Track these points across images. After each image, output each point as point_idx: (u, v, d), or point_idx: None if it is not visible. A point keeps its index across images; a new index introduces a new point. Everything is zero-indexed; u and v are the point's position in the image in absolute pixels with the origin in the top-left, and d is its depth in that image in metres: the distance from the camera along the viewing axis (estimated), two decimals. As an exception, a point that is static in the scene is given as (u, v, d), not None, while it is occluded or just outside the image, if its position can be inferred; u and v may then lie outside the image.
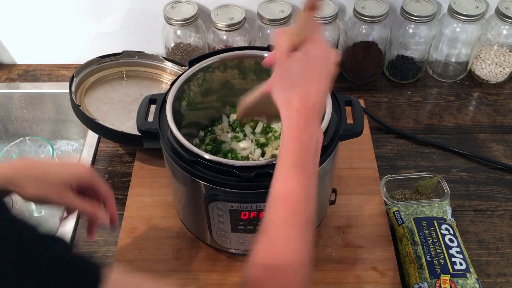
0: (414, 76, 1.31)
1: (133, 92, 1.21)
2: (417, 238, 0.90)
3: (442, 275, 0.84)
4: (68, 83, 1.11)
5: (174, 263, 0.94)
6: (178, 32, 1.23)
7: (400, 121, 1.22)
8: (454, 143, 1.16)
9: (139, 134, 0.86)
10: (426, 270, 0.86)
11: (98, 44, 1.33)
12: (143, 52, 1.24)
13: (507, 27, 1.21)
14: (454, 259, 0.86)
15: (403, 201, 1.01)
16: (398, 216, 0.95)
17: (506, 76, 1.29)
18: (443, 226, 0.91)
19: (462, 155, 1.13)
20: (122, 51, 1.22)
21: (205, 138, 1.01)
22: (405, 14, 1.19)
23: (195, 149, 0.77)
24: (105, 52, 1.21)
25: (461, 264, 0.86)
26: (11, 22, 1.31)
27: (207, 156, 0.76)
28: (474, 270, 0.87)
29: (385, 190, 1.01)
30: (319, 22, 0.81)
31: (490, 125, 1.21)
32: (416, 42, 1.24)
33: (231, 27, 1.18)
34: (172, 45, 1.25)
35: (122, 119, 1.14)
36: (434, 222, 0.91)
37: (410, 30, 1.22)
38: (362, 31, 1.22)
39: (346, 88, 1.31)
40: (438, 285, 0.84)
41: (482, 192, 1.06)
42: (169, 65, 1.25)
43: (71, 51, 1.36)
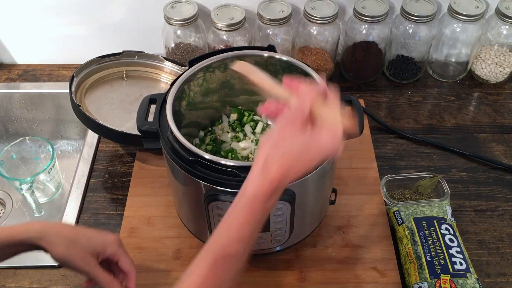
0: (414, 76, 1.31)
1: (133, 92, 1.21)
2: (417, 238, 0.90)
3: (442, 275, 0.84)
4: (68, 83, 1.11)
5: (174, 263, 0.94)
6: (178, 32, 1.23)
7: (400, 121, 1.22)
8: (454, 143, 1.16)
9: (139, 134, 0.86)
10: (426, 270, 0.86)
11: (98, 44, 1.33)
12: (143, 52, 1.24)
13: (507, 27, 1.21)
14: (454, 259, 0.86)
15: (403, 201, 1.01)
16: (398, 216, 0.95)
17: (506, 76, 1.29)
18: (443, 226, 0.91)
19: (462, 155, 1.13)
20: (122, 51, 1.22)
21: (205, 138, 1.01)
22: (405, 14, 1.19)
23: (195, 149, 0.77)
24: (105, 52, 1.21)
25: (461, 264, 0.86)
26: (11, 22, 1.31)
27: (207, 156, 0.76)
28: (474, 270, 0.87)
29: (385, 190, 1.01)
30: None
31: (490, 125, 1.21)
32: (416, 42, 1.24)
33: (231, 27, 1.18)
34: (172, 45, 1.25)
35: (122, 119, 1.14)
36: (434, 222, 0.91)
37: (410, 30, 1.22)
38: (362, 31, 1.22)
39: (346, 88, 1.31)
40: (438, 285, 0.84)
41: (482, 192, 1.06)
42: (169, 65, 1.25)
43: (71, 51, 1.36)
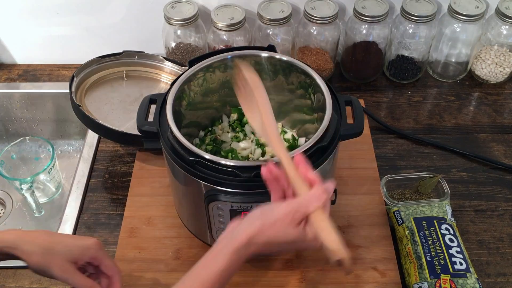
0: (414, 76, 1.31)
1: (133, 92, 1.21)
2: (417, 238, 0.90)
3: (442, 275, 0.84)
4: (68, 83, 1.11)
5: (174, 263, 0.94)
6: (178, 32, 1.23)
7: (400, 121, 1.22)
8: (454, 143, 1.16)
9: (139, 134, 0.86)
10: (426, 270, 0.86)
11: (98, 44, 1.33)
12: (143, 52, 1.24)
13: (507, 27, 1.21)
14: (454, 259, 0.86)
15: (403, 201, 1.01)
16: (398, 216, 0.95)
17: (506, 76, 1.29)
18: (443, 226, 0.91)
19: (462, 155, 1.13)
20: (122, 51, 1.22)
21: (205, 138, 1.01)
22: (405, 14, 1.19)
23: (195, 149, 0.77)
24: (105, 52, 1.21)
25: (461, 264, 0.86)
26: (12, 22, 1.31)
27: (207, 156, 0.76)
28: (474, 270, 0.87)
29: (385, 190, 1.01)
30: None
31: (490, 125, 1.21)
32: (416, 42, 1.24)
33: (231, 27, 1.18)
34: (172, 45, 1.25)
35: (122, 119, 1.14)
36: (434, 222, 0.91)
37: (410, 30, 1.22)
38: (362, 31, 1.22)
39: (346, 88, 1.31)
40: (438, 285, 0.84)
41: (482, 192, 1.06)
42: (169, 65, 1.25)
43: (71, 51, 1.36)
